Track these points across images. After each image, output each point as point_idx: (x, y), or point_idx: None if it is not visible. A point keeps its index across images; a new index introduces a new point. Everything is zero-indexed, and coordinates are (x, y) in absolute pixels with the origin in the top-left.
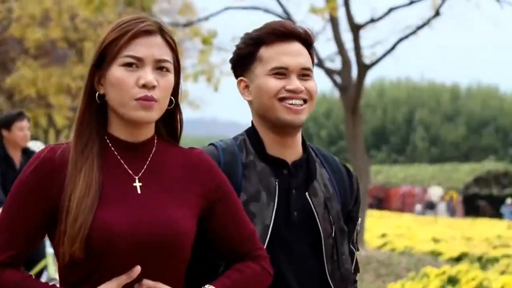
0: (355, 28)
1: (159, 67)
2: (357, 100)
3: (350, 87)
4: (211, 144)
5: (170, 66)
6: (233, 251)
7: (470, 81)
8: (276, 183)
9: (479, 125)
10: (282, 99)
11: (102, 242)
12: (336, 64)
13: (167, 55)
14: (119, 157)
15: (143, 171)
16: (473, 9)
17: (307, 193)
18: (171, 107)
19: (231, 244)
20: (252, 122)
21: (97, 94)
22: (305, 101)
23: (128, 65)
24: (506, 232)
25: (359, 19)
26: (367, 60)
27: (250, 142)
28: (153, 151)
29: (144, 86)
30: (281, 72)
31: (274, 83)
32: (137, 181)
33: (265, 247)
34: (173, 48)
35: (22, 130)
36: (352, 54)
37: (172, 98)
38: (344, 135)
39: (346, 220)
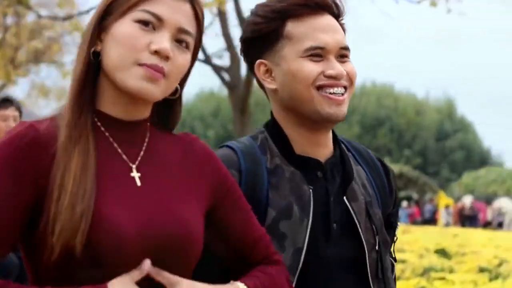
0: (245, 23)
1: (179, 39)
2: (246, 98)
3: (239, 85)
4: (226, 146)
5: (192, 43)
6: (244, 255)
7: (364, 79)
8: (310, 191)
9: (373, 124)
10: (320, 88)
11: (107, 242)
12: (224, 60)
13: (192, 28)
14: (111, 139)
15: (139, 158)
16: (368, 4)
17: (345, 198)
18: (175, 96)
19: (241, 247)
20: (272, 115)
21: (92, 50)
22: (345, 88)
23: (144, 23)
24: (401, 237)
25: (248, 13)
26: None
27: (273, 141)
28: (147, 135)
29: (156, 53)
30: (317, 54)
31: (311, 68)
32: (134, 170)
33: (297, 275)
34: (200, 25)
35: (6, 120)
36: None
37: (177, 86)
38: (233, 135)
39: (386, 226)
